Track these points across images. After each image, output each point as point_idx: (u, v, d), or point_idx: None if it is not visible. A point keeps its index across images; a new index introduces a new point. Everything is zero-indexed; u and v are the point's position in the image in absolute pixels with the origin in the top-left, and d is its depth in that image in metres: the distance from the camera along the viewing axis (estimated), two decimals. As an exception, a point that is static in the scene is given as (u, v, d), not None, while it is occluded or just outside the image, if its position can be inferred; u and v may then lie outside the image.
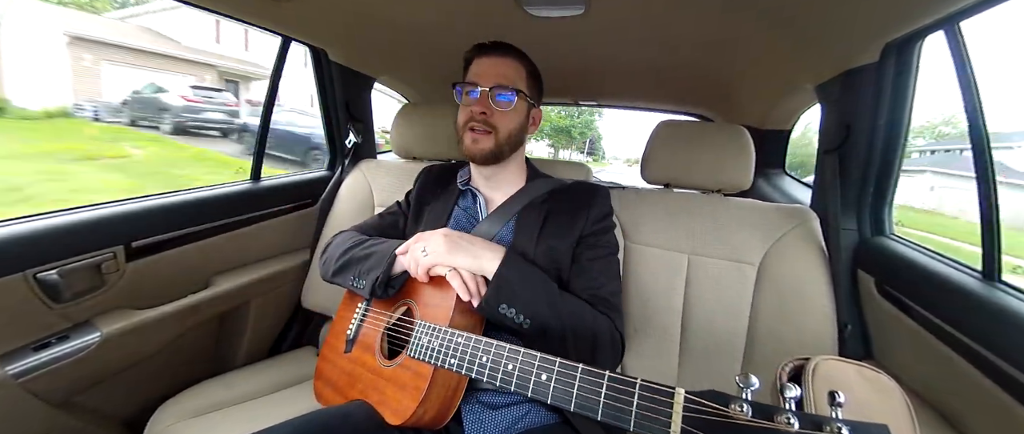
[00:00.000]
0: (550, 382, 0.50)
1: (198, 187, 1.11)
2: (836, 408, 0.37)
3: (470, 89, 0.81)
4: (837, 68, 0.97)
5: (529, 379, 0.52)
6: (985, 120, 0.71)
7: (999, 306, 0.62)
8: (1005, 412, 0.58)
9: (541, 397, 0.51)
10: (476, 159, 0.83)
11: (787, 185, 1.72)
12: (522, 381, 0.53)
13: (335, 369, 0.82)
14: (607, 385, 0.47)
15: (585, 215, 0.82)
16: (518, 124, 0.83)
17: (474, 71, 0.82)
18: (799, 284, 0.92)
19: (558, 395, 0.49)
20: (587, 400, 0.47)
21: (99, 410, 0.94)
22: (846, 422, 0.36)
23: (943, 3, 0.70)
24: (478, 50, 0.83)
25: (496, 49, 0.82)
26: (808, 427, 0.36)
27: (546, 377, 0.51)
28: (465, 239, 0.71)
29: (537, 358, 0.53)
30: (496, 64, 0.81)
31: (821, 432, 0.36)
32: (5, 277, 0.75)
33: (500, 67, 0.81)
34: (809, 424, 0.37)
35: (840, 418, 0.36)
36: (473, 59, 0.83)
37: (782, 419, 0.37)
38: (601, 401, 0.46)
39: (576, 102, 2.22)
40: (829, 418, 0.36)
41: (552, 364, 0.51)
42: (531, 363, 0.53)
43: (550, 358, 0.52)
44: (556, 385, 0.50)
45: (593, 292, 0.76)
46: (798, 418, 0.37)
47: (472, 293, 0.67)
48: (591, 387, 0.48)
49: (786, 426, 0.37)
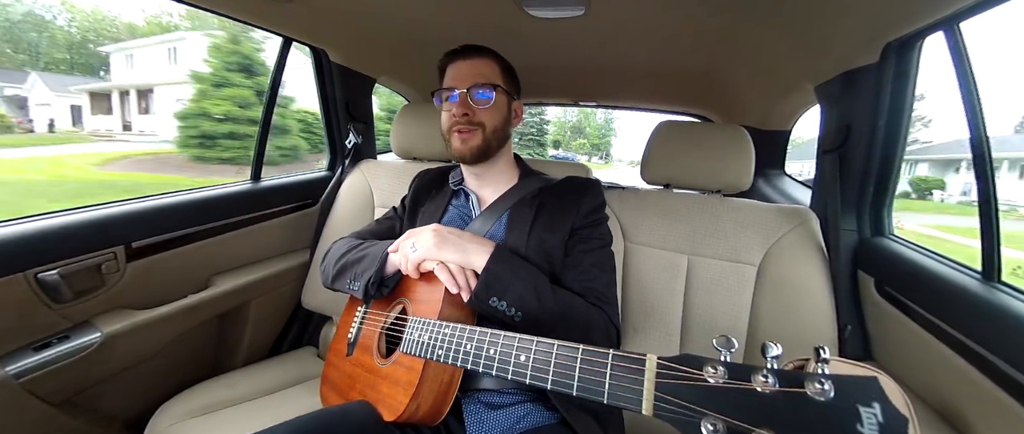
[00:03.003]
0: (528, 362, 0.50)
1: (198, 187, 1.11)
2: (821, 364, 0.33)
3: (448, 94, 0.82)
4: (837, 68, 0.97)
5: (509, 361, 0.52)
6: (984, 121, 0.71)
7: (999, 307, 0.62)
8: (1005, 412, 0.58)
9: (520, 379, 0.50)
10: (466, 158, 0.84)
11: (787, 185, 1.72)
12: (503, 364, 0.53)
13: (338, 372, 0.83)
14: (581, 359, 0.46)
15: (576, 209, 0.83)
16: (502, 118, 0.84)
17: (450, 76, 0.83)
18: (799, 284, 0.92)
19: (536, 374, 0.49)
20: (562, 375, 0.47)
21: (99, 410, 0.94)
22: (830, 376, 0.32)
23: (943, 3, 0.70)
24: (450, 56, 0.85)
25: (467, 52, 0.84)
26: (788, 385, 0.33)
27: (525, 358, 0.51)
28: (454, 234, 0.72)
29: (516, 339, 0.52)
30: (470, 66, 0.83)
31: (802, 388, 0.33)
32: (6, 277, 0.75)
33: (474, 68, 0.82)
34: (789, 381, 0.33)
35: (825, 373, 0.33)
36: (447, 66, 0.85)
37: (759, 378, 0.34)
38: (576, 375, 0.46)
39: (576, 102, 2.22)
40: (813, 374, 0.33)
41: (530, 344, 0.51)
42: (511, 345, 0.53)
43: (528, 338, 0.52)
44: (533, 364, 0.50)
45: (585, 284, 0.76)
46: (777, 376, 0.34)
47: (461, 286, 0.67)
48: (566, 363, 0.47)
49: (764, 385, 0.34)
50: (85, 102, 16.21)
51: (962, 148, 7.01)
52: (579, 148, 33.44)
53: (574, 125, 33.22)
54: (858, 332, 0.90)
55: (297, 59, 1.32)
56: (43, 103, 16.34)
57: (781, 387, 0.34)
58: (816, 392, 0.32)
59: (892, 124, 0.89)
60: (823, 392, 0.32)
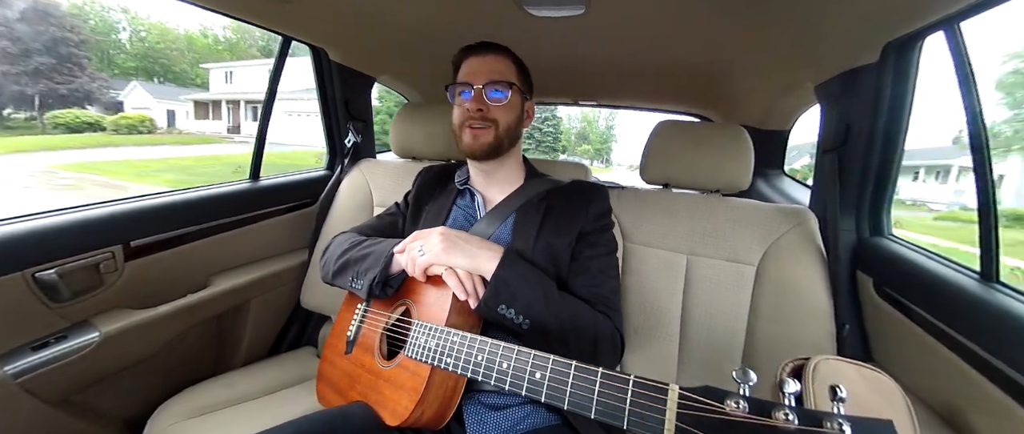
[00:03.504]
0: (544, 380, 0.50)
1: (197, 187, 1.11)
2: (838, 403, 0.35)
3: (463, 90, 0.82)
4: (837, 68, 0.97)
5: (523, 378, 0.52)
6: (984, 121, 0.71)
7: (998, 307, 0.63)
8: (1004, 412, 0.58)
9: (535, 396, 0.50)
10: (477, 155, 0.83)
11: (786, 185, 1.72)
12: (516, 380, 0.52)
13: (336, 370, 0.82)
14: (600, 383, 0.46)
15: (584, 213, 0.82)
16: (515, 116, 0.84)
17: (465, 71, 0.83)
18: (798, 285, 0.92)
19: (552, 393, 0.49)
20: (581, 398, 0.47)
21: (98, 410, 0.94)
22: (848, 418, 0.34)
23: (943, 3, 0.70)
24: (466, 51, 0.84)
25: (484, 48, 0.83)
26: (807, 423, 0.34)
27: (540, 375, 0.50)
28: (462, 238, 0.71)
29: (532, 356, 0.52)
30: (486, 62, 0.82)
31: (821, 428, 0.34)
32: (3, 276, 0.74)
33: (491, 64, 0.82)
34: (809, 420, 0.35)
35: (842, 413, 0.34)
36: (462, 61, 0.84)
37: (780, 415, 0.35)
38: (594, 399, 0.46)
39: (576, 101, 2.22)
40: (830, 413, 0.34)
41: (546, 362, 0.51)
42: (525, 361, 0.52)
43: (544, 356, 0.51)
44: (549, 383, 0.49)
45: (592, 290, 0.75)
46: (797, 414, 0.35)
47: (469, 292, 0.66)
48: (585, 384, 0.47)
49: (784, 423, 0.35)
50: (189, 108, 20.25)
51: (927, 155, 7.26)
52: (584, 153, 36.33)
53: (579, 132, 36.63)
54: (857, 332, 0.90)
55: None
56: (142, 107, 19.24)
57: (801, 425, 0.35)
58: (834, 432, 0.34)
59: (892, 124, 0.89)
60: (841, 433, 0.33)
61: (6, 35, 16.96)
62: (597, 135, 37.49)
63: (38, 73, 16.75)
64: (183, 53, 29.65)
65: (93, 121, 16.60)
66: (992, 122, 9.94)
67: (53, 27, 17.40)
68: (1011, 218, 9.18)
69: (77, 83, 17.46)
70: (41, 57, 17.03)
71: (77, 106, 17.07)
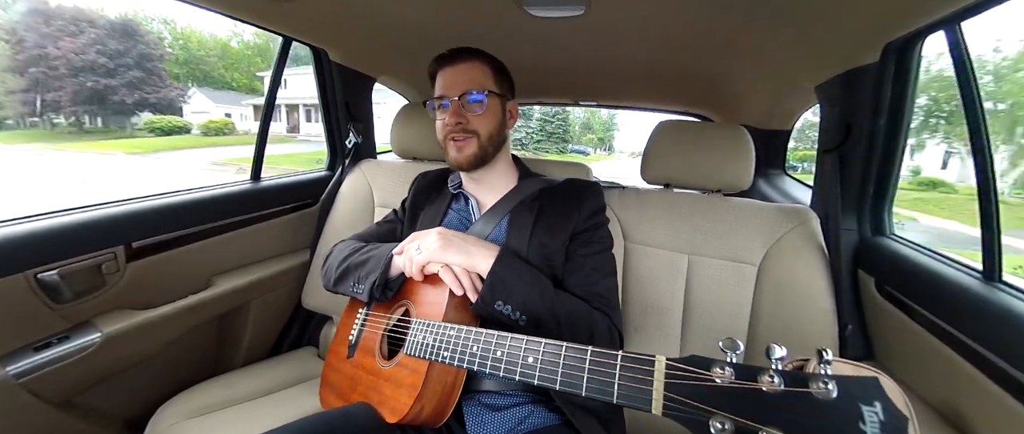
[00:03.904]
0: (537, 363, 0.51)
1: (198, 187, 1.11)
2: (824, 365, 0.35)
3: (440, 103, 0.82)
4: (838, 68, 0.97)
5: (517, 363, 0.52)
6: (985, 120, 0.71)
7: (1000, 306, 0.62)
8: (1006, 412, 0.58)
9: (528, 380, 0.51)
10: (463, 167, 0.83)
11: (787, 185, 1.72)
12: (510, 366, 0.53)
13: (338, 374, 0.83)
14: (590, 360, 0.47)
15: (577, 212, 0.82)
16: (497, 122, 0.83)
17: (440, 84, 0.83)
18: (799, 284, 0.92)
19: (544, 375, 0.49)
20: (572, 377, 0.47)
21: (100, 410, 0.94)
22: (833, 377, 0.34)
23: (943, 3, 0.70)
24: (439, 62, 0.84)
25: (456, 56, 0.83)
26: (793, 385, 0.35)
27: (533, 359, 0.51)
28: (459, 237, 0.72)
29: (524, 341, 0.53)
30: (459, 71, 0.82)
31: (807, 388, 0.34)
32: (6, 277, 0.75)
33: (465, 73, 0.82)
34: (794, 382, 0.35)
35: (828, 374, 0.34)
36: (437, 72, 0.84)
37: (766, 378, 0.36)
38: (585, 377, 0.46)
39: (576, 102, 2.22)
40: (816, 375, 0.34)
41: (538, 345, 0.51)
42: (519, 347, 0.53)
43: (536, 340, 0.52)
44: (542, 366, 0.50)
45: (587, 289, 0.76)
46: (783, 377, 0.35)
47: (466, 288, 0.67)
48: (575, 364, 0.48)
49: (771, 386, 0.35)
50: (245, 112, 23.44)
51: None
52: (589, 142, 39.61)
53: (584, 122, 40.61)
54: (859, 332, 0.89)
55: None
56: (201, 111, 22.42)
57: (787, 387, 0.35)
58: (820, 391, 0.34)
59: (892, 124, 0.89)
60: (826, 391, 0.34)
61: (104, 53, 21.36)
62: (600, 124, 41.16)
63: (132, 85, 21.59)
64: (220, 59, 31.09)
65: (182, 125, 20.98)
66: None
67: (141, 44, 22.26)
68: (927, 184, 10.85)
69: (162, 92, 22.34)
70: (133, 71, 21.76)
71: (167, 113, 21.68)
